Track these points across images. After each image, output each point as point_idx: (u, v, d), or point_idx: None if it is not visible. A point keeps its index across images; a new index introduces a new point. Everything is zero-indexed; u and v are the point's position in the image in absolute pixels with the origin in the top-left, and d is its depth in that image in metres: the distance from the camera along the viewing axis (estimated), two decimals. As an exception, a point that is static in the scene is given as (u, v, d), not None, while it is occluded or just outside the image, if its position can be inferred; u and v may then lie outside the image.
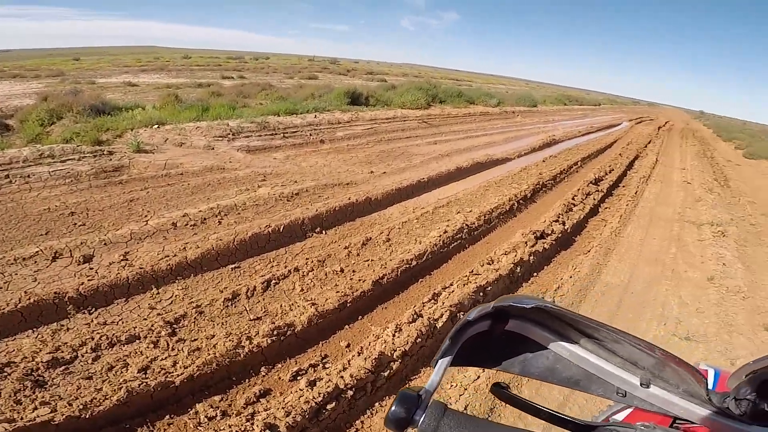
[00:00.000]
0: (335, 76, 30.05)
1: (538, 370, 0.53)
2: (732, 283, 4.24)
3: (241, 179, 5.23)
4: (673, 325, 3.40)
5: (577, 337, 0.51)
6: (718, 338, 3.25)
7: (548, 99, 31.22)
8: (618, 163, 9.51)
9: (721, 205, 7.50)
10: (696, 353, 3.04)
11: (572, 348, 0.51)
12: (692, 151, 16.07)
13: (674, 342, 3.16)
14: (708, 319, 3.54)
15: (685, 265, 4.61)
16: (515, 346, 0.53)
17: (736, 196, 8.63)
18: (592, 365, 0.51)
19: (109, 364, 2.19)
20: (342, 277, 3.39)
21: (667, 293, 3.94)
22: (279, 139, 7.49)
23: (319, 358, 2.53)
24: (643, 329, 3.31)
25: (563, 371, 0.52)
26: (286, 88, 15.65)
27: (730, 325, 3.46)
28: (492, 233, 4.81)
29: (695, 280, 4.28)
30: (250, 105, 10.70)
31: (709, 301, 3.87)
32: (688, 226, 6.08)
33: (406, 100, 14.18)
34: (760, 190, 10.05)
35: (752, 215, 7.22)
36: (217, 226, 3.88)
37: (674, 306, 3.71)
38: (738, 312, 3.69)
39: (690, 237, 5.60)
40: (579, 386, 0.52)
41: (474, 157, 7.82)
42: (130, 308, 2.73)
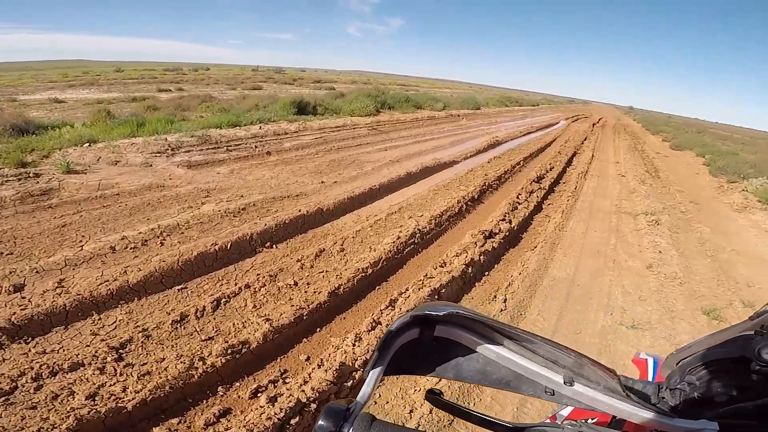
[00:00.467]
0: (281, 85, 29.59)
1: (470, 374, 0.54)
2: (669, 269, 4.56)
3: (183, 197, 4.99)
4: (619, 314, 3.60)
5: (500, 339, 0.52)
6: (661, 325, 3.46)
7: (490, 101, 32.48)
8: (558, 161, 10.03)
9: (653, 195, 8.10)
10: (643, 341, 3.21)
11: (498, 350, 0.52)
12: (624, 145, 17.29)
13: (622, 331, 3.33)
14: (650, 306, 3.77)
15: (625, 255, 4.92)
16: (446, 351, 0.54)
17: (666, 186, 9.36)
18: (518, 366, 0.52)
19: (54, 392, 2.09)
20: (296, 290, 3.33)
21: (610, 283, 4.17)
22: (222, 153, 7.24)
23: (278, 373, 2.48)
24: (592, 320, 3.47)
25: (494, 373, 0.53)
26: (229, 100, 15.20)
27: (672, 311, 3.70)
28: (443, 236, 4.90)
29: (635, 269, 4.57)
30: (189, 118, 10.27)
31: (650, 288, 4.13)
32: (625, 216, 6.50)
33: (355, 108, 14.22)
34: (687, 179, 10.99)
35: (682, 203, 7.86)
36: (159, 247, 3.70)
37: (618, 295, 3.94)
38: (677, 298, 3.96)
39: (627, 227, 5.99)
40: (510, 387, 0.53)
41: (423, 162, 7.97)
42: (71, 335, 2.59)
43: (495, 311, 3.41)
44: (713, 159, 13.92)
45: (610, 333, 3.30)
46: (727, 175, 11.23)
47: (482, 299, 3.67)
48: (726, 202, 8.53)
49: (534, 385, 0.52)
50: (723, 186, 10.19)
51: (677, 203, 7.81)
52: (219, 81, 29.61)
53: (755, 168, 12.10)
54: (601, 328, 3.37)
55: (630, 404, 0.50)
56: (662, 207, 7.19)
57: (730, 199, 8.78)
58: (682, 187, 9.53)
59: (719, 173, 11.64)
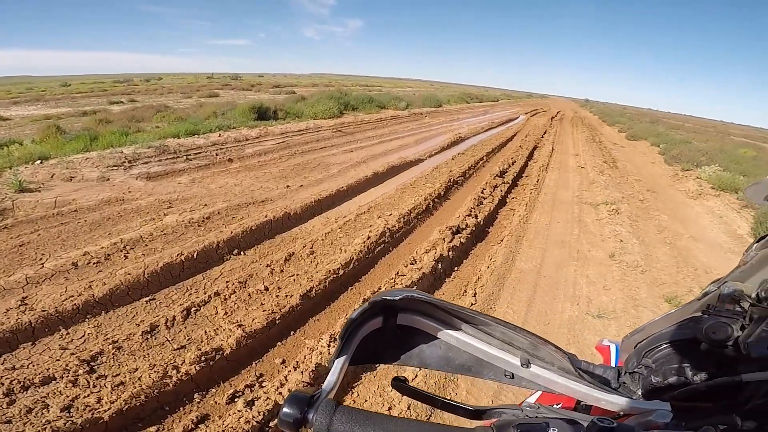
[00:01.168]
0: (238, 92, 28.99)
1: (434, 361, 0.55)
2: (630, 258, 4.72)
3: (144, 209, 4.81)
4: (585, 304, 3.72)
5: (459, 324, 0.53)
6: (626, 313, 3.59)
7: (452, 98, 32.97)
8: (519, 155, 10.31)
9: (612, 185, 8.44)
10: (609, 330, 3.32)
11: (457, 335, 0.53)
12: (582, 137, 17.96)
13: (589, 321, 3.45)
14: (615, 295, 3.91)
15: (588, 245, 5.10)
16: (409, 339, 0.55)
17: (624, 176, 9.76)
18: (477, 350, 0.53)
19: (27, 406, 2.07)
20: (267, 295, 3.32)
21: (575, 273, 4.31)
22: (182, 162, 7.01)
23: (254, 378, 2.51)
24: (560, 310, 3.58)
25: (456, 359, 0.54)
26: (185, 108, 14.77)
27: (635, 300, 3.83)
28: (413, 233, 4.94)
29: (599, 259, 4.74)
30: (145, 129, 9.91)
31: (613, 277, 4.28)
32: (587, 207, 6.74)
33: (317, 111, 14.10)
34: (644, 168, 11.52)
35: (640, 192, 8.22)
36: (123, 260, 3.61)
37: (583, 285, 4.07)
38: (640, 286, 4.11)
39: (589, 217, 6.22)
40: (472, 372, 0.54)
41: (389, 161, 8.00)
42: (39, 351, 2.55)
43: (465, 306, 3.45)
44: (667, 148, 14.61)
45: (577, 323, 3.41)
46: (681, 163, 11.79)
47: (453, 294, 3.72)
48: (681, 190, 8.97)
49: (494, 369, 0.53)
50: (678, 174, 10.68)
51: (635, 192, 8.15)
52: (173, 90, 28.71)
53: (707, 156, 12.84)
54: (569, 318, 3.48)
55: (584, 385, 0.52)
56: (621, 196, 7.49)
57: (685, 186, 9.24)
58: (640, 176, 9.98)
59: (674, 162, 12.22)
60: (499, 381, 0.53)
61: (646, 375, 0.62)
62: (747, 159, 14.51)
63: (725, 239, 5.82)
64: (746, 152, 17.28)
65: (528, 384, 0.52)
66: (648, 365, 0.62)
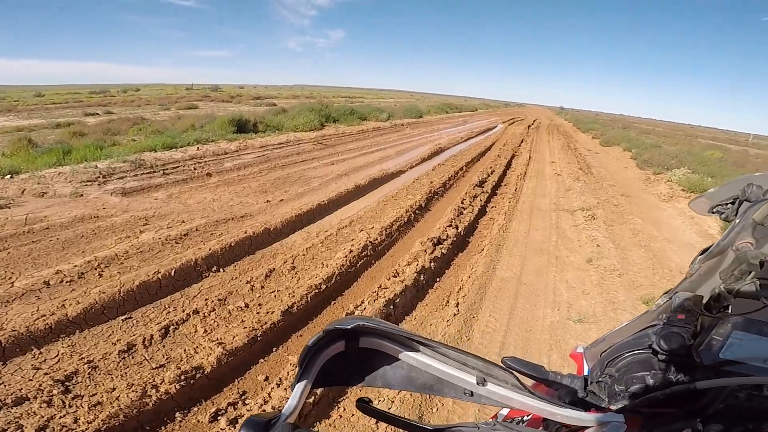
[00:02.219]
0: (218, 103, 28.73)
1: (398, 381, 0.56)
2: (608, 262, 4.81)
3: (119, 226, 4.70)
4: (566, 309, 3.77)
5: (417, 346, 0.54)
6: (605, 317, 3.64)
7: (432, 109, 33.37)
8: (498, 164, 10.48)
9: (587, 191, 8.62)
10: (590, 334, 3.36)
11: (417, 356, 0.54)
12: (558, 144, 18.35)
13: (570, 326, 3.49)
14: (594, 299, 3.97)
15: (566, 251, 5.20)
16: (373, 361, 0.56)
17: (599, 182, 9.99)
18: (437, 370, 0.54)
19: (0, 427, 2.00)
20: (248, 312, 3.27)
21: (555, 279, 4.38)
22: (159, 177, 6.89)
23: (237, 395, 2.49)
24: (541, 317, 3.62)
25: (418, 378, 0.55)
26: (162, 121, 14.55)
27: (614, 303, 3.90)
28: (395, 246, 4.95)
29: (577, 264, 4.82)
30: (121, 142, 9.73)
31: (592, 282, 4.36)
32: (564, 213, 6.87)
33: (298, 123, 14.08)
34: (617, 173, 11.82)
35: (614, 197, 8.41)
36: (98, 279, 3.54)
37: (563, 291, 4.13)
38: (617, 289, 4.19)
39: (566, 224, 6.34)
40: (434, 391, 0.55)
41: (371, 174, 8.04)
42: (11, 371, 2.47)
43: (449, 316, 3.48)
44: (639, 153, 15.02)
45: (559, 328, 3.46)
46: (652, 167, 12.12)
47: (435, 305, 3.74)
48: (654, 193, 9.23)
49: (454, 388, 0.55)
50: (650, 178, 10.97)
51: (610, 197, 8.34)
52: (151, 102, 28.30)
53: (676, 159, 13.27)
54: (550, 324, 3.52)
55: (537, 400, 0.53)
56: (597, 202, 7.66)
57: (657, 189, 9.51)
58: (614, 181, 10.23)
59: (645, 166, 12.56)
60: (460, 399, 0.55)
61: (611, 384, 0.63)
62: (714, 161, 15.07)
63: (697, 240, 6.00)
64: (713, 154, 17.94)
65: (487, 401, 0.54)
66: (611, 374, 0.64)
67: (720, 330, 0.52)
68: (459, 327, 3.34)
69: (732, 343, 0.52)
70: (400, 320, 3.46)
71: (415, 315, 3.56)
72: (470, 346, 3.14)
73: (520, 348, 3.17)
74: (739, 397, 0.58)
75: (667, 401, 0.59)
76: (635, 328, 0.67)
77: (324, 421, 2.34)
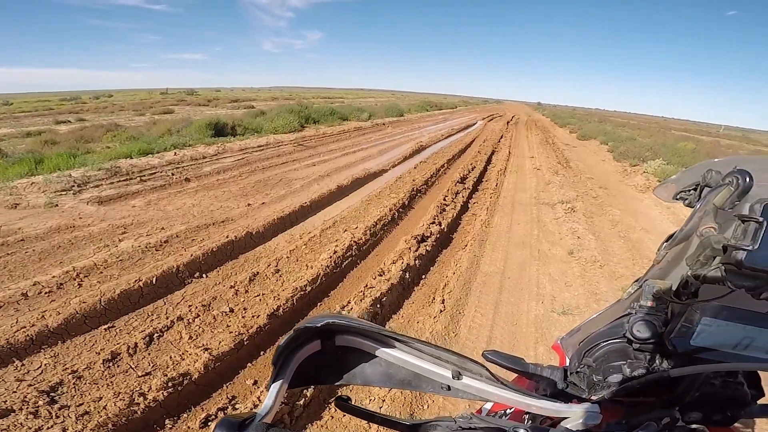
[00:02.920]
0: (194, 107, 28.23)
1: (376, 378, 0.56)
2: (588, 254, 4.89)
3: (97, 236, 4.59)
4: (550, 302, 3.83)
5: (392, 342, 0.54)
6: (589, 308, 3.70)
7: (412, 107, 33.47)
8: (478, 160, 10.56)
9: (567, 184, 8.76)
10: (575, 326, 3.44)
11: (393, 352, 0.54)
12: (536, 139, 18.61)
13: (554, 318, 3.54)
14: (576, 291, 4.04)
15: (548, 244, 5.27)
16: (350, 359, 0.56)
17: (577, 175, 10.16)
18: (413, 365, 0.54)
19: None
20: (233, 317, 3.25)
21: (538, 272, 4.44)
22: (136, 184, 6.73)
23: (226, 400, 2.48)
24: (526, 310, 3.66)
25: (396, 374, 0.55)
26: (138, 126, 14.22)
27: (596, 294, 3.97)
28: (379, 245, 4.95)
29: (559, 256, 4.89)
30: (95, 150, 9.47)
31: (574, 274, 4.43)
32: (544, 207, 6.97)
33: (278, 125, 13.94)
34: (595, 166, 12.05)
35: (593, 189, 8.58)
36: (77, 289, 3.49)
37: (546, 283, 4.19)
38: (599, 280, 4.27)
39: (547, 217, 6.43)
40: (413, 386, 0.55)
41: (353, 174, 8.01)
42: None
43: (435, 313, 3.50)
44: (615, 146, 15.35)
45: (544, 321, 3.50)
46: (628, 159, 12.41)
47: (422, 303, 3.75)
48: (630, 185, 9.44)
49: (431, 383, 0.55)
50: (626, 170, 11.22)
51: (589, 190, 8.50)
52: (125, 107, 27.64)
53: (651, 151, 13.60)
54: (535, 317, 3.57)
55: (512, 392, 0.53)
56: (576, 195, 7.80)
57: (634, 181, 9.74)
58: (592, 174, 10.43)
59: (622, 158, 12.86)
60: (438, 393, 0.55)
61: (589, 374, 0.64)
62: (687, 152, 15.46)
63: (674, 228, 6.13)
64: (686, 145, 18.41)
65: (464, 395, 0.54)
66: (589, 364, 0.64)
67: (690, 317, 0.52)
68: (446, 323, 3.35)
69: (702, 330, 0.52)
70: (388, 319, 3.46)
71: (402, 313, 3.56)
72: (457, 342, 3.16)
73: (507, 342, 3.21)
74: (715, 385, 0.59)
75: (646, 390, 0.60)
76: (610, 317, 0.67)
77: (316, 423, 2.33)
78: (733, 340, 0.52)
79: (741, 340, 0.52)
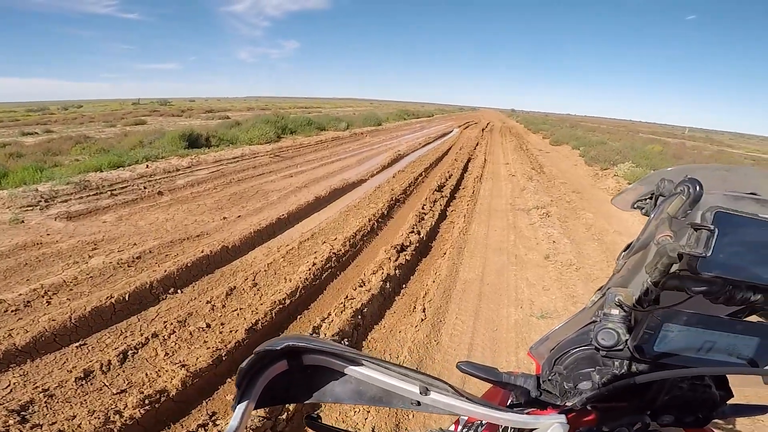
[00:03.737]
0: (168, 118, 27.69)
1: (347, 395, 0.56)
2: (564, 257, 4.99)
3: (66, 252, 4.44)
4: (528, 306, 3.87)
5: (360, 360, 0.54)
6: (567, 311, 3.75)
7: (390, 116, 33.68)
8: (455, 168, 10.69)
9: (541, 190, 8.94)
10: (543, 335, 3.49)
11: (362, 370, 0.54)
12: (511, 146, 18.98)
13: (534, 323, 3.58)
14: (554, 294, 4.10)
15: (525, 249, 5.35)
16: (320, 377, 0.56)
17: (551, 180, 10.39)
18: (383, 382, 0.54)
19: None
20: (210, 332, 3.19)
21: (516, 278, 4.49)
22: (107, 199, 6.53)
23: (206, 416, 2.43)
24: (506, 315, 3.70)
25: (367, 392, 0.55)
26: (108, 138, 13.82)
27: (573, 297, 4.03)
28: (359, 255, 4.93)
29: (535, 261, 4.97)
30: (63, 163, 9.16)
31: (551, 278, 4.50)
32: (520, 213, 7.09)
33: (253, 136, 13.79)
34: (568, 171, 12.34)
35: (566, 194, 8.77)
36: (46, 306, 3.38)
37: (524, 288, 4.25)
38: (576, 283, 4.35)
39: (523, 222, 6.54)
40: (383, 402, 0.55)
41: (331, 184, 7.98)
42: None
43: (417, 322, 3.49)
44: (586, 150, 15.77)
45: (523, 326, 3.54)
46: (599, 163, 12.76)
47: (403, 312, 3.74)
48: (602, 188, 9.71)
49: (401, 398, 0.55)
50: (598, 174, 11.54)
51: (562, 194, 8.70)
52: (95, 118, 26.87)
53: (621, 154, 14.04)
54: (515, 322, 3.61)
55: (479, 405, 0.54)
56: (550, 200, 7.96)
57: (606, 184, 10.01)
58: (565, 179, 10.68)
59: (593, 162, 13.21)
60: (408, 408, 0.55)
61: (560, 381, 0.64)
62: (655, 154, 16.02)
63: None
64: (654, 148, 19.06)
65: (433, 409, 0.54)
66: (560, 372, 0.65)
67: (652, 323, 0.53)
68: (427, 332, 3.35)
69: (664, 336, 0.53)
70: (370, 330, 3.44)
71: (384, 323, 3.55)
72: (439, 350, 3.16)
73: (488, 348, 3.23)
74: (683, 388, 0.60)
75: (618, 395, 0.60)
76: (577, 325, 0.68)
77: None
78: (695, 344, 0.53)
79: (703, 344, 0.53)
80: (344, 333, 3.17)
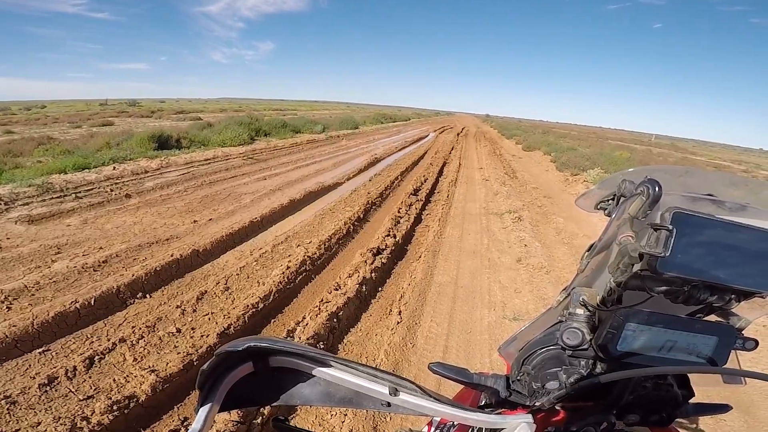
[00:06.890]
0: (137, 119, 26.87)
1: (316, 397, 0.55)
2: (535, 261, 5.07)
3: (27, 256, 4.24)
4: (501, 309, 3.93)
5: (328, 361, 0.54)
6: (537, 313, 3.84)
7: (367, 120, 33.68)
8: (430, 172, 10.78)
9: (514, 194, 9.10)
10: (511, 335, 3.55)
11: (330, 371, 0.54)
12: (485, 151, 19.29)
13: (506, 324, 3.63)
14: (525, 297, 4.17)
15: (498, 252, 5.43)
16: (287, 379, 0.55)
17: (523, 185, 10.59)
18: (352, 383, 0.54)
19: None
20: (180, 337, 3.13)
21: (489, 280, 4.55)
22: (71, 201, 6.27)
23: (178, 422, 2.41)
24: (479, 318, 3.74)
25: (336, 393, 0.55)
26: (73, 140, 13.28)
27: (544, 299, 4.10)
28: (335, 259, 4.89)
29: (508, 264, 5.05)
30: (24, 165, 8.74)
31: (522, 280, 4.57)
32: (493, 217, 7.19)
33: (226, 138, 13.53)
34: (539, 176, 12.62)
35: (538, 199, 8.95)
36: (6, 312, 3.24)
37: (497, 291, 4.30)
38: (546, 286, 4.42)
39: (496, 226, 6.64)
40: (353, 404, 0.55)
41: (306, 187, 7.89)
42: None
43: (392, 324, 3.49)
44: (558, 156, 16.12)
45: (496, 328, 3.59)
46: (570, 168, 13.07)
47: (379, 315, 3.73)
48: (572, 193, 9.92)
49: (371, 400, 0.54)
50: (568, 179, 11.80)
51: (534, 199, 8.88)
52: (59, 119, 25.76)
53: (590, 160, 14.45)
54: (488, 324, 3.65)
55: (447, 406, 0.53)
56: (522, 204, 8.10)
57: (576, 189, 10.25)
58: (537, 184, 10.91)
59: (564, 168, 13.53)
60: (378, 410, 0.54)
61: (528, 381, 0.64)
62: (623, 160, 16.54)
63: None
64: (622, 154, 19.67)
65: (403, 410, 0.54)
66: (528, 372, 0.65)
67: (615, 323, 0.54)
68: (403, 335, 3.35)
69: (627, 335, 0.54)
70: (346, 333, 3.41)
71: (360, 326, 3.53)
72: (415, 353, 3.17)
73: (463, 350, 3.25)
74: (647, 387, 0.62)
75: (585, 395, 0.61)
76: (543, 325, 0.69)
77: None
78: (657, 343, 0.55)
79: (664, 343, 0.55)
80: (320, 336, 3.14)
